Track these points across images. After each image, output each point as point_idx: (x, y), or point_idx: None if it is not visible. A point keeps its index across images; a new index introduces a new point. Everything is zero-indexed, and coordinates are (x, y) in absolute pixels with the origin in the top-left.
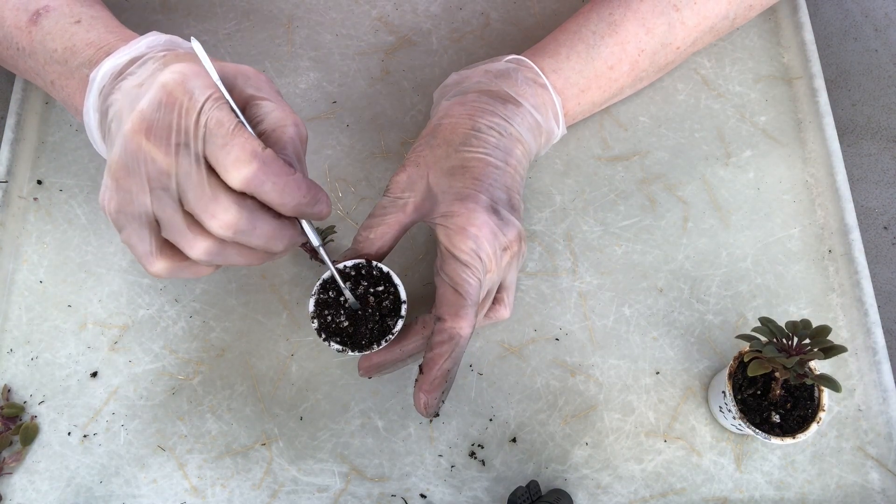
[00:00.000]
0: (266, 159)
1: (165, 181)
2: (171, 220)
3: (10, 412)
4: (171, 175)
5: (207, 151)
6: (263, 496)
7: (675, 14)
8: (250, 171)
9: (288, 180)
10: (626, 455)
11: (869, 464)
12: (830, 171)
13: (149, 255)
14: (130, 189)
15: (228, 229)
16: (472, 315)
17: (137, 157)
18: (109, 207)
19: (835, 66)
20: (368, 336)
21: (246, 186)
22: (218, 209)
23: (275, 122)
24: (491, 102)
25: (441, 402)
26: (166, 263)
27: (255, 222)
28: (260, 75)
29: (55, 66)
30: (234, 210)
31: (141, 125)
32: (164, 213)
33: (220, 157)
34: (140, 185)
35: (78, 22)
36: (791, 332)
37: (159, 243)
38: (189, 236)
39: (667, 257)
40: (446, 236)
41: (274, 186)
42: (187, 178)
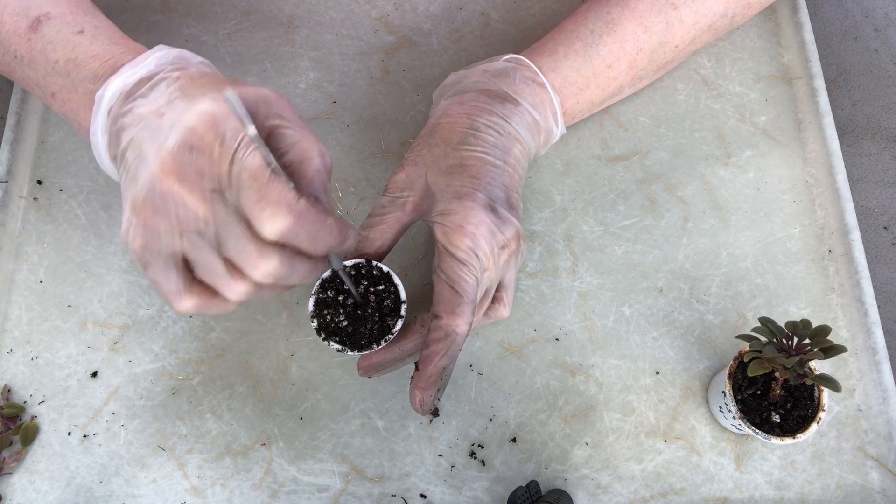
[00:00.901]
0: (301, 212)
1: (201, 226)
2: (208, 265)
3: (10, 412)
4: (207, 222)
5: (241, 202)
6: (263, 496)
7: (674, 12)
8: (285, 225)
9: (321, 229)
10: (626, 455)
11: (869, 464)
12: (830, 171)
13: (177, 294)
14: (158, 229)
15: (270, 278)
16: (469, 313)
17: (167, 199)
18: (134, 245)
19: (835, 66)
20: (368, 336)
21: (280, 239)
22: (261, 262)
23: (300, 154)
24: (489, 101)
25: (437, 399)
26: (195, 301)
27: (294, 266)
28: (282, 100)
29: (57, 79)
30: (277, 261)
31: (171, 167)
32: (201, 257)
33: (255, 212)
34: (169, 226)
35: (81, 32)
36: (791, 332)
37: (188, 282)
38: (229, 281)
39: (667, 257)
40: (444, 234)
41: (307, 236)
42: (225, 228)
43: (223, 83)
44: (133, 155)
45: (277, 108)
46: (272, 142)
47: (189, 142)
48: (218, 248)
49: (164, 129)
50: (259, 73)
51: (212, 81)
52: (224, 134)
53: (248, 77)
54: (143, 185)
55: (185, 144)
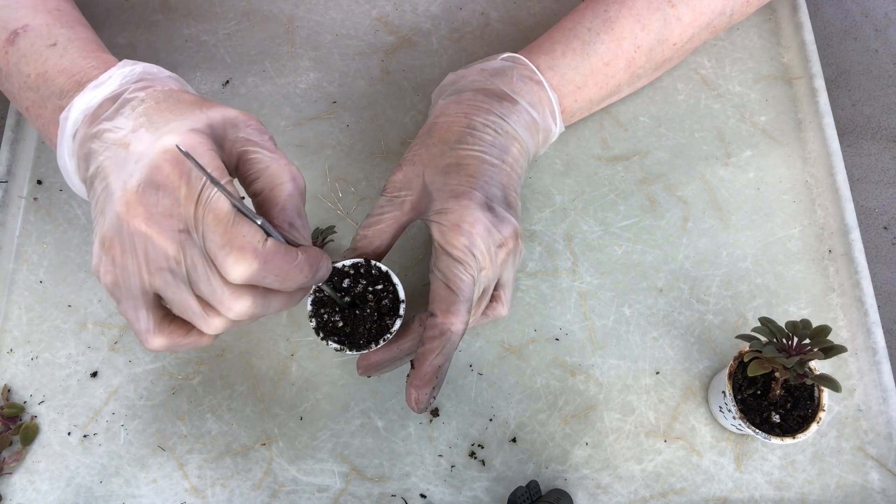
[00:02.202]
0: (266, 256)
1: (172, 265)
2: (183, 303)
3: (10, 412)
4: (179, 262)
5: (206, 247)
6: (263, 496)
7: (671, 10)
8: (252, 271)
9: (289, 270)
10: (626, 455)
11: (869, 464)
12: (830, 171)
13: (147, 333)
14: (126, 266)
15: (244, 316)
16: (465, 312)
17: (134, 239)
18: (105, 280)
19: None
20: (367, 335)
21: (247, 283)
22: (233, 303)
23: (271, 180)
24: (487, 100)
25: (433, 397)
26: (165, 341)
27: (269, 303)
28: (250, 119)
29: (28, 93)
30: (250, 301)
31: (136, 208)
32: (175, 296)
33: (220, 256)
34: (137, 264)
35: (53, 45)
36: (791, 332)
37: (157, 319)
38: (204, 318)
39: (667, 257)
40: (440, 233)
41: (276, 279)
42: (195, 269)
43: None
44: (101, 186)
45: (245, 130)
46: (241, 168)
47: (154, 180)
48: (190, 286)
49: (129, 163)
50: (259, 73)
51: (177, 107)
52: (189, 173)
53: (248, 77)
54: (110, 222)
55: (150, 183)
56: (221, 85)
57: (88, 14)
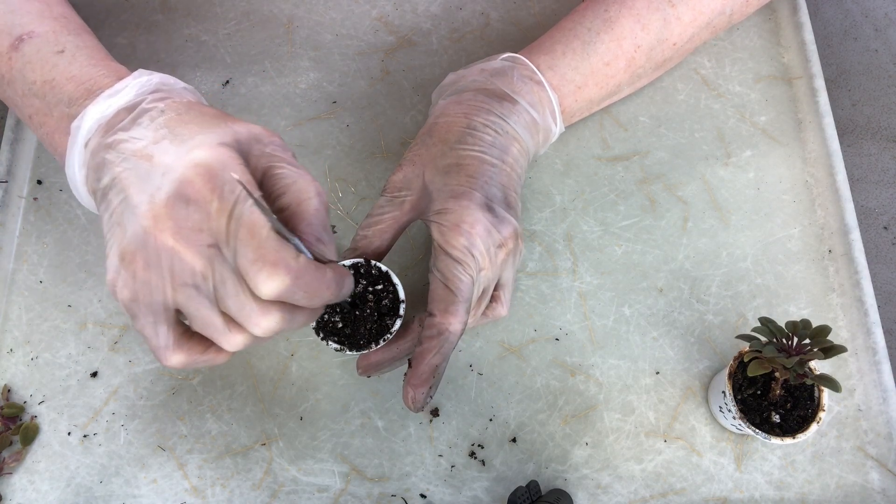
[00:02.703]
0: (299, 271)
1: (198, 281)
2: (206, 319)
3: (10, 412)
4: (206, 277)
5: (238, 260)
6: (263, 496)
7: (671, 10)
8: (284, 287)
9: (319, 286)
10: (626, 455)
11: (869, 464)
12: (830, 171)
13: (165, 349)
14: (149, 281)
15: (270, 333)
16: (463, 312)
17: (160, 253)
18: (122, 295)
19: (835, 66)
20: (367, 335)
21: (277, 298)
22: (262, 319)
23: (297, 196)
24: (487, 101)
25: (430, 397)
26: (183, 357)
27: (294, 319)
28: (274, 136)
29: (33, 100)
30: (278, 317)
31: (165, 221)
32: (199, 312)
33: (252, 272)
34: (161, 279)
35: (61, 52)
36: (791, 332)
37: (177, 336)
38: (227, 334)
39: (667, 257)
40: (440, 233)
41: (305, 295)
42: (223, 285)
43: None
44: (118, 198)
45: (270, 146)
46: (266, 183)
47: (185, 194)
48: (215, 302)
49: (153, 176)
50: (259, 73)
51: (201, 119)
52: (222, 187)
53: (248, 77)
54: (133, 236)
55: (180, 197)
56: (221, 85)
57: (88, 14)
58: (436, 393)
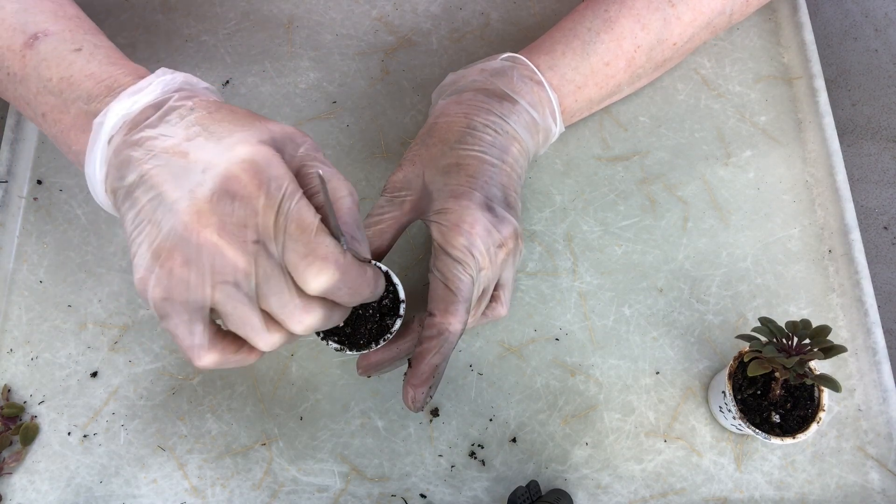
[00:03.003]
0: (345, 267)
1: (239, 278)
2: (244, 317)
3: (10, 412)
4: (248, 274)
5: (286, 257)
6: (263, 496)
7: (671, 10)
8: (333, 282)
9: (361, 283)
10: (626, 455)
11: (869, 464)
12: (830, 171)
13: (199, 349)
14: (187, 279)
15: (312, 329)
16: (463, 311)
17: (202, 250)
18: (154, 294)
19: (835, 66)
20: (367, 335)
21: (323, 294)
22: (305, 316)
23: (332, 194)
24: (487, 100)
25: (429, 397)
26: (217, 357)
27: (332, 315)
28: (306, 137)
29: (48, 98)
30: (320, 314)
31: (209, 217)
32: (237, 310)
33: (301, 266)
34: (201, 278)
35: (78, 50)
36: (791, 332)
37: (211, 335)
38: (264, 334)
39: (667, 257)
40: (440, 233)
41: (349, 291)
42: (268, 281)
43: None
44: (147, 195)
45: (303, 145)
46: (300, 181)
47: (230, 190)
48: (255, 300)
49: (192, 173)
50: (259, 73)
51: (234, 117)
52: (269, 184)
53: (248, 77)
54: (171, 232)
55: (225, 193)
56: (221, 85)
57: (88, 14)
58: (436, 393)
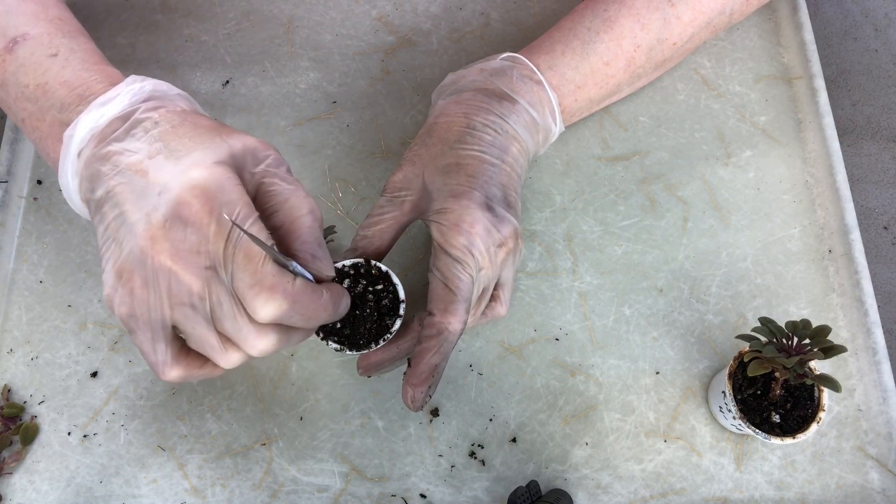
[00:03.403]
0: (296, 296)
1: (195, 301)
2: (202, 338)
3: (10, 412)
4: (202, 298)
5: (235, 284)
6: (263, 496)
7: (670, 9)
8: (281, 311)
9: (315, 308)
10: (626, 455)
11: (869, 464)
12: (830, 171)
13: (163, 365)
14: (146, 299)
15: (266, 353)
16: (463, 311)
17: (157, 273)
18: (120, 311)
19: (835, 66)
20: (367, 335)
21: (274, 322)
22: (258, 341)
23: (291, 213)
24: (486, 100)
25: (429, 396)
26: (181, 372)
27: (290, 339)
28: (269, 149)
29: (26, 104)
30: (274, 339)
31: (162, 243)
32: (195, 331)
33: (249, 296)
34: (159, 298)
35: (54, 55)
36: (791, 332)
37: (175, 352)
38: (223, 352)
39: (667, 257)
40: (440, 233)
41: (301, 318)
42: (220, 306)
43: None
44: (113, 212)
45: (264, 158)
46: (259, 199)
47: (182, 216)
48: (212, 322)
49: (149, 194)
50: (259, 73)
51: (195, 132)
52: (219, 210)
53: (248, 77)
54: (130, 255)
55: (177, 218)
56: (221, 85)
57: (88, 14)
58: (435, 393)
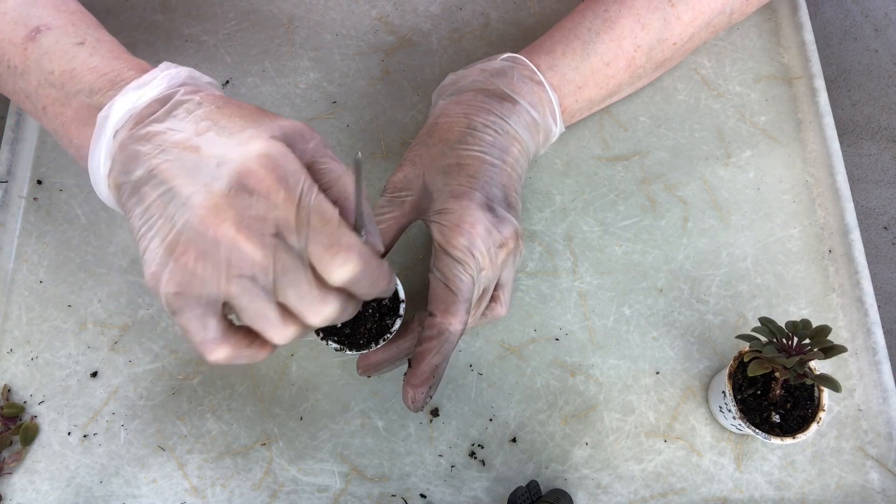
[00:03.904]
0: (367, 258)
1: (257, 272)
2: (260, 311)
3: (10, 412)
4: (265, 268)
5: (311, 248)
6: (263, 496)
7: (671, 9)
8: (356, 271)
9: (379, 275)
10: (626, 455)
11: (869, 464)
12: (830, 171)
13: (212, 343)
14: (203, 274)
15: (326, 322)
16: (463, 312)
17: (218, 243)
18: (167, 289)
19: (835, 66)
20: (367, 335)
21: (345, 285)
22: (323, 307)
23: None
24: (487, 101)
25: (429, 397)
26: (229, 351)
27: (346, 308)
28: (314, 134)
29: (49, 90)
30: (338, 306)
31: (226, 211)
32: (252, 304)
33: (325, 258)
34: (217, 271)
35: (81, 44)
36: (791, 332)
37: (224, 329)
38: (281, 328)
39: (667, 257)
40: (440, 233)
41: (368, 282)
42: (286, 274)
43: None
44: (157, 190)
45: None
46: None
47: (247, 184)
48: (272, 293)
49: (205, 167)
50: (259, 73)
51: (242, 113)
52: (286, 177)
53: (248, 77)
54: (185, 227)
55: (242, 187)
56: (221, 85)
57: None
58: (436, 393)
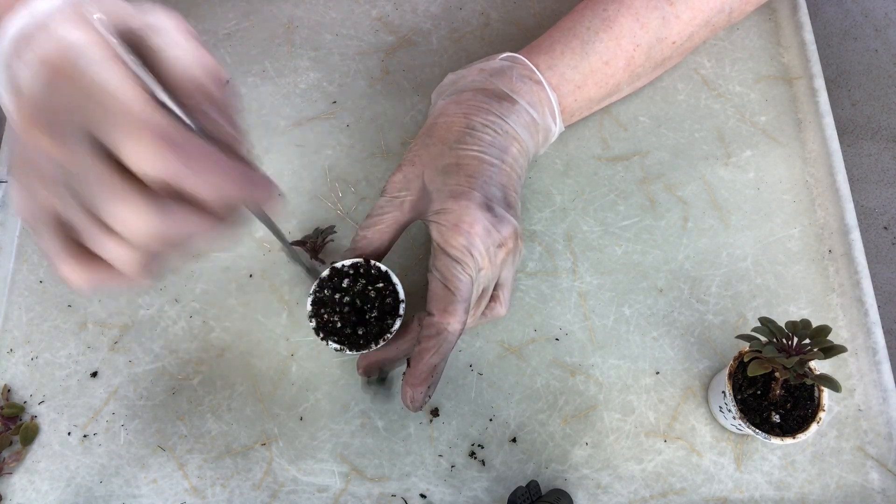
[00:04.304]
0: (181, 143)
1: (64, 176)
2: (75, 221)
3: (10, 412)
4: (67, 170)
5: (111, 140)
6: (263, 496)
7: (669, 8)
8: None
9: (210, 166)
10: (626, 455)
11: (869, 464)
12: (830, 171)
13: (61, 263)
14: (33, 186)
15: (142, 232)
16: (462, 311)
17: (28, 147)
18: (18, 208)
19: (835, 66)
20: (366, 335)
21: (158, 177)
22: (126, 212)
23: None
24: (486, 100)
25: (428, 396)
26: (84, 273)
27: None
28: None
29: None
30: (144, 209)
31: (28, 111)
32: (68, 213)
33: (127, 148)
34: (39, 181)
35: None
36: (791, 332)
37: (72, 250)
38: (105, 242)
39: (667, 257)
40: (439, 233)
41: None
42: (81, 173)
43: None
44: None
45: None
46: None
47: (43, 75)
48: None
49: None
50: (259, 73)
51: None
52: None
53: (248, 77)
54: (13, 142)
55: (39, 79)
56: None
57: None
58: (435, 393)
